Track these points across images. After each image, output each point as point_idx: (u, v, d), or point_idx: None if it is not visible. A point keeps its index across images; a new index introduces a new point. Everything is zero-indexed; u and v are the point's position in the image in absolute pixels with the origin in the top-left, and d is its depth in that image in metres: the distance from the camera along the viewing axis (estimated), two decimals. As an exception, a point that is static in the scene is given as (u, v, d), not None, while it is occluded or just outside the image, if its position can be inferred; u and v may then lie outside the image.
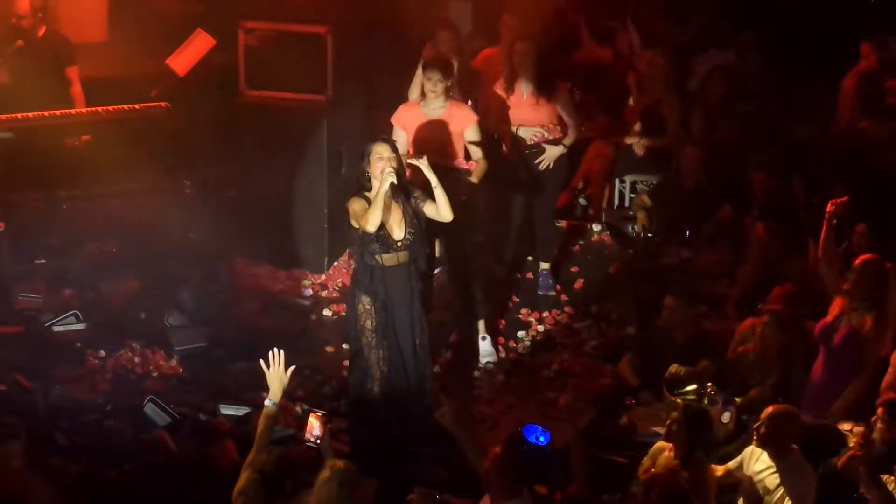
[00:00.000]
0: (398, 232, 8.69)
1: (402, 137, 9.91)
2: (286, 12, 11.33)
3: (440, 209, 8.82)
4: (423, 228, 8.83)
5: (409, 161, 8.93)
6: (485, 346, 10.25)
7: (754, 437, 7.87)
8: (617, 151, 12.69)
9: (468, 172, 10.00)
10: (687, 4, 13.82)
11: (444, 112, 10.00)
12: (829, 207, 9.10)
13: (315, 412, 7.53)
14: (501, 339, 10.57)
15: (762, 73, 12.88)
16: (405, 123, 10.04)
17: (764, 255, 10.55)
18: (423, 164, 8.76)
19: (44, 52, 11.63)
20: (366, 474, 7.38)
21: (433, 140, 9.91)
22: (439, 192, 8.79)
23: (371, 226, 8.52)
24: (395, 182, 8.53)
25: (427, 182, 8.77)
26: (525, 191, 11.05)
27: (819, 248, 9.19)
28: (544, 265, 11.27)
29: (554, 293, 11.23)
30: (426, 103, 10.01)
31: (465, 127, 10.02)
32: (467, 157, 10.13)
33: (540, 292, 11.23)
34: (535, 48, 10.67)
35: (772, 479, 7.78)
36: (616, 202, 12.63)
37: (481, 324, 10.29)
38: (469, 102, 10.91)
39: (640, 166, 12.66)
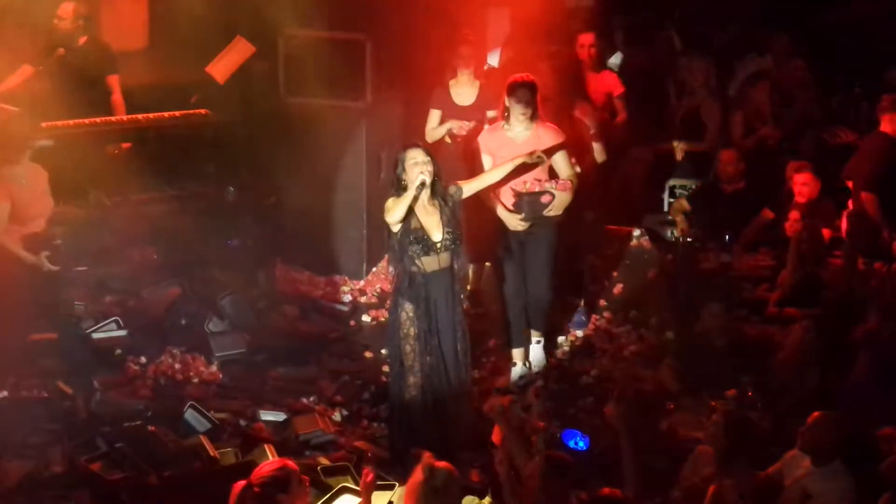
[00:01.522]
0: (437, 233, 8.69)
1: (488, 163, 9.72)
2: (325, 20, 11.35)
3: (489, 173, 9.15)
4: (461, 229, 8.83)
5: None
6: (537, 350, 10.14)
7: (798, 442, 7.83)
8: (656, 156, 12.67)
9: (550, 195, 9.60)
10: (727, 9, 13.76)
11: (531, 134, 9.66)
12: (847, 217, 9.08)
13: None
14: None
15: (802, 79, 12.82)
16: (490, 148, 9.73)
17: (803, 257, 10.50)
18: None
19: (85, 60, 11.70)
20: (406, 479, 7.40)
21: (521, 165, 9.54)
22: (477, 183, 9.06)
23: (393, 218, 8.53)
24: (427, 182, 8.55)
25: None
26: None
27: (845, 256, 9.16)
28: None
29: (585, 330, 10.94)
30: (511, 126, 9.68)
31: (557, 148, 9.65)
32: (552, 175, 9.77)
33: (572, 329, 10.96)
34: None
35: (812, 486, 7.74)
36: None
37: (536, 332, 10.17)
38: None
39: (680, 171, 12.66)
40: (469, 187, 8.92)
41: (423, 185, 8.52)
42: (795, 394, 9.13)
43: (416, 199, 8.52)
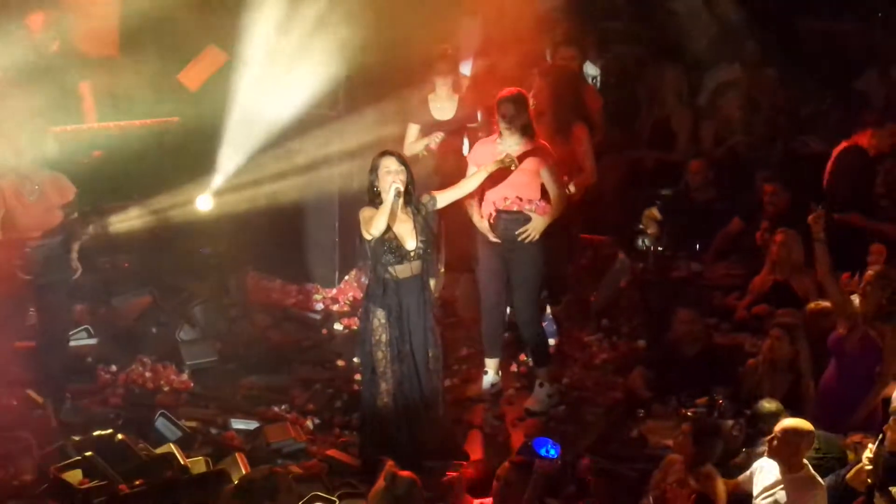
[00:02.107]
0: (410, 242, 8.72)
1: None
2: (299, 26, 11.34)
3: (462, 185, 9.10)
4: (434, 238, 8.87)
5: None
6: (540, 393, 9.98)
7: (766, 450, 7.86)
8: (627, 165, 12.70)
9: (527, 218, 9.62)
10: (697, 20, 13.81)
11: (521, 149, 9.57)
12: (811, 222, 9.10)
13: None
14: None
15: (772, 88, 12.88)
16: (477, 160, 9.66)
17: (778, 265, 10.53)
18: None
19: (56, 67, 11.65)
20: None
21: (510, 179, 9.58)
22: (451, 193, 9.05)
23: (376, 230, 8.55)
24: (402, 190, 8.58)
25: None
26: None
27: (817, 263, 9.19)
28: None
29: (554, 340, 10.77)
30: (503, 140, 9.62)
31: (541, 166, 9.61)
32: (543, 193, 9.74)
33: None
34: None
35: (781, 494, 7.76)
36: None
37: (541, 371, 10.04)
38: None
39: (651, 180, 12.69)
40: (443, 197, 8.93)
41: (398, 194, 8.55)
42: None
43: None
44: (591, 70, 13.66)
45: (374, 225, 8.57)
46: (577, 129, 10.31)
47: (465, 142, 10.86)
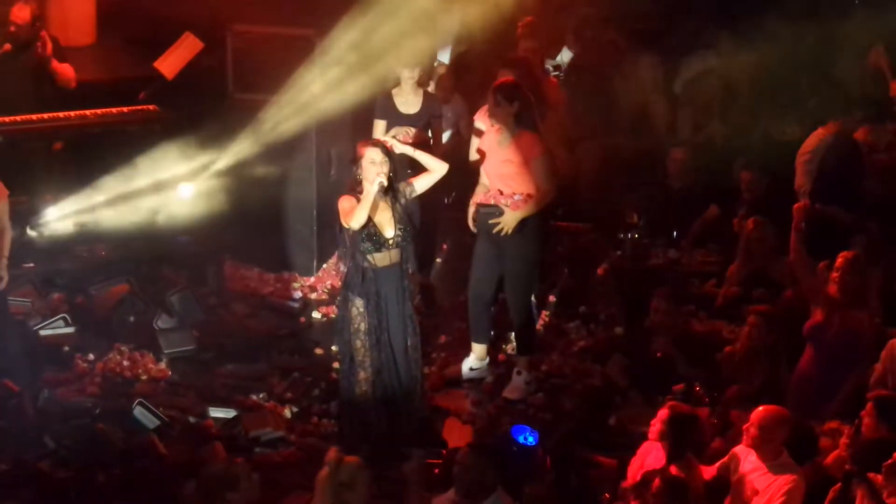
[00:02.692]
0: (389, 230, 8.73)
1: (473, 157, 9.81)
2: (274, 15, 11.32)
3: (433, 168, 8.95)
4: (413, 227, 8.86)
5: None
6: (518, 381, 9.98)
7: (744, 438, 7.88)
8: (605, 153, 12.72)
9: (500, 211, 9.61)
10: (674, 6, 13.83)
11: (511, 140, 9.61)
12: (794, 212, 9.17)
13: None
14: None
15: (749, 74, 12.90)
16: (477, 144, 9.85)
17: (752, 253, 10.56)
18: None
19: (34, 56, 11.60)
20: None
21: (499, 171, 9.64)
22: (422, 157, 9.01)
23: (356, 223, 8.55)
24: (384, 183, 8.59)
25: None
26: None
27: (792, 251, 9.24)
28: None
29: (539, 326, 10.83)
30: (501, 131, 9.65)
31: (530, 157, 9.60)
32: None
33: None
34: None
35: (760, 481, 7.78)
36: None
37: (522, 359, 10.05)
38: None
39: (628, 168, 12.71)
40: (419, 184, 8.93)
41: (381, 186, 8.55)
42: (743, 388, 9.18)
43: None
44: (565, 57, 13.70)
45: (354, 217, 8.56)
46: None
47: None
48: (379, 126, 10.41)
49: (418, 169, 9.10)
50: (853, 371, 8.78)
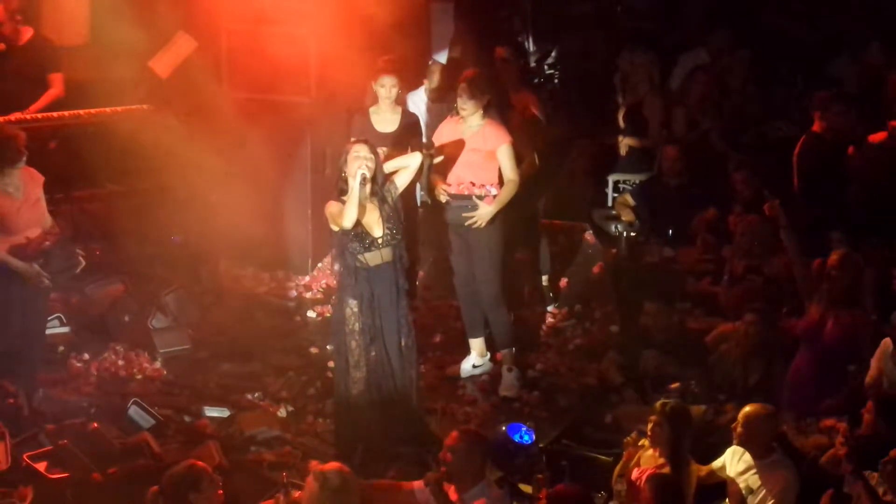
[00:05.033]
0: (377, 230, 8.72)
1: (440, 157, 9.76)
2: (269, 14, 11.31)
3: (409, 164, 8.95)
4: (402, 224, 8.85)
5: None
6: (509, 378, 9.99)
7: (734, 437, 7.89)
8: (600, 151, 12.73)
9: (473, 205, 9.61)
10: (671, 4, 13.86)
11: (479, 130, 9.66)
12: (767, 213, 9.19)
13: None
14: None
15: (744, 72, 12.91)
16: (440, 137, 9.82)
17: (746, 253, 10.56)
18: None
19: (26, 58, 11.59)
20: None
21: (464, 160, 9.66)
22: (398, 161, 9.01)
23: (348, 221, 8.55)
24: (367, 176, 8.57)
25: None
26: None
27: (784, 248, 9.25)
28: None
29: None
30: (464, 120, 9.70)
31: (496, 147, 9.63)
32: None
33: None
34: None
35: (754, 479, 7.79)
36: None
37: (505, 353, 10.06)
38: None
39: (623, 166, 12.73)
40: (399, 181, 8.90)
41: (364, 180, 8.54)
42: (739, 387, 9.19)
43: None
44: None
45: (344, 216, 8.56)
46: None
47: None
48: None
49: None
50: (848, 369, 8.78)
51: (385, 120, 10.19)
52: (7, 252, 8.98)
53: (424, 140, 10.21)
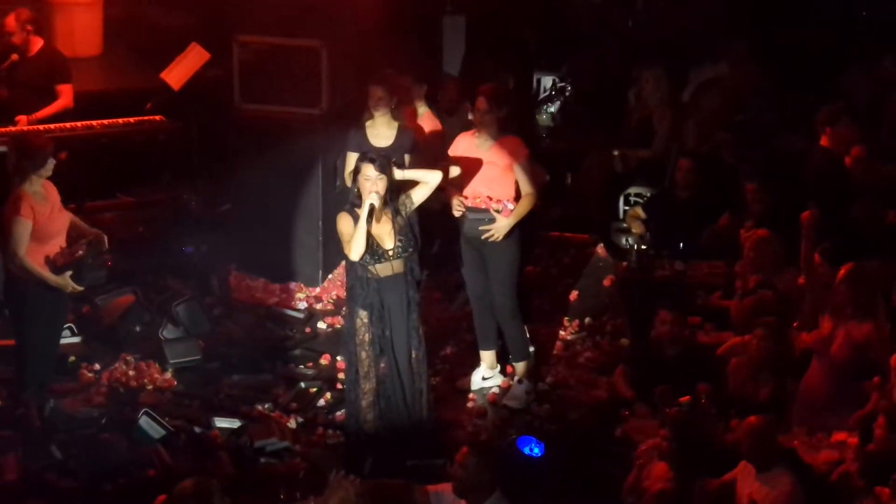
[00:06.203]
0: (388, 242, 8.75)
1: (457, 170, 9.72)
2: (280, 26, 11.33)
3: (427, 180, 8.92)
4: (415, 237, 8.86)
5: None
6: (518, 389, 9.99)
7: (740, 450, 7.88)
8: (613, 164, 12.74)
9: (490, 218, 9.62)
10: (682, 16, 13.86)
11: (493, 144, 9.64)
12: (804, 218, 9.18)
13: None
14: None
15: (756, 85, 12.91)
16: (455, 151, 9.81)
17: (756, 266, 10.54)
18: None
19: (36, 69, 11.63)
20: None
21: (481, 174, 9.65)
22: (417, 174, 9.00)
23: (355, 255, 8.61)
24: (376, 206, 8.60)
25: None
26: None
27: (802, 260, 9.23)
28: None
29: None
30: (479, 134, 9.70)
31: (513, 161, 9.61)
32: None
33: None
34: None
35: (758, 493, 7.78)
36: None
37: (520, 366, 10.07)
38: None
39: (635, 179, 12.73)
40: (416, 196, 8.90)
41: (372, 209, 8.57)
42: (750, 401, 9.17)
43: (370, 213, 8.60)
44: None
45: (352, 248, 8.63)
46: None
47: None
48: (351, 159, 9.83)
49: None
50: (860, 383, 8.75)
51: (380, 134, 10.14)
52: (42, 261, 8.99)
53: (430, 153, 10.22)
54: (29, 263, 8.89)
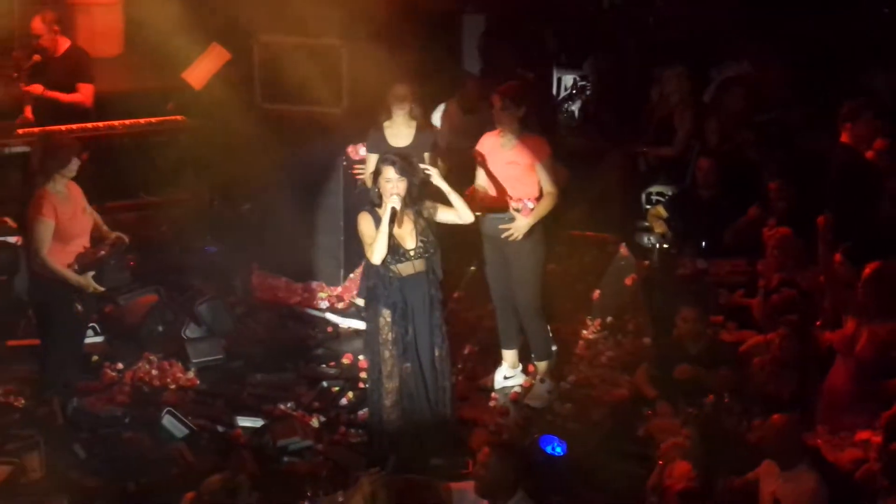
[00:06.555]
0: (409, 242, 8.76)
1: (481, 171, 9.77)
2: (301, 26, 11.35)
3: (459, 212, 8.90)
4: (436, 237, 8.86)
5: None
6: (540, 388, 10.02)
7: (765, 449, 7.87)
8: (634, 162, 12.73)
9: (510, 217, 9.61)
10: (703, 14, 13.82)
11: (517, 143, 9.64)
12: (820, 223, 9.16)
13: None
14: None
15: (778, 83, 12.88)
16: (485, 152, 9.80)
17: (780, 265, 10.53)
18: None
19: (63, 67, 11.67)
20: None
21: (503, 173, 9.66)
22: (454, 198, 8.91)
23: (376, 258, 8.62)
24: (398, 209, 8.61)
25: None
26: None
27: (821, 262, 9.22)
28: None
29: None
30: (503, 134, 9.69)
31: (535, 160, 9.61)
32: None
33: None
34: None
35: (780, 490, 7.76)
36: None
37: (542, 365, 10.09)
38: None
39: (656, 178, 12.71)
40: (441, 215, 8.90)
41: (394, 213, 8.59)
42: (773, 400, 9.15)
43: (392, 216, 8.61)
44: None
45: (374, 252, 8.66)
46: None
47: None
48: (371, 160, 10.03)
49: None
50: (884, 382, 8.73)
51: (399, 134, 10.16)
52: (65, 261, 9.02)
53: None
54: (51, 263, 8.93)
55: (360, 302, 10.68)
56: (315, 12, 11.28)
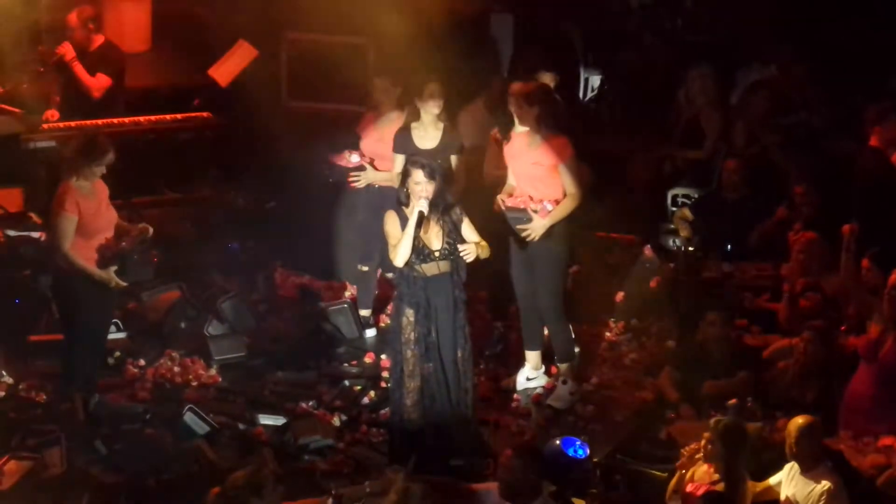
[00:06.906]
0: (436, 243, 8.72)
1: (513, 179, 9.77)
2: (327, 24, 11.35)
3: (482, 252, 8.82)
4: (462, 239, 8.83)
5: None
6: (562, 390, 9.96)
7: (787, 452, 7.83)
8: (660, 165, 12.69)
9: (528, 218, 9.59)
10: (731, 19, 13.78)
11: (542, 144, 9.64)
12: (845, 231, 9.11)
13: None
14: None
15: (805, 87, 12.82)
16: (508, 153, 9.84)
17: (805, 269, 10.48)
18: (470, 251, 8.73)
19: (96, 63, 11.70)
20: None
21: (527, 173, 9.67)
22: (473, 235, 8.84)
23: (400, 260, 8.60)
24: (425, 213, 8.59)
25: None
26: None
27: (843, 270, 9.17)
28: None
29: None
30: (531, 134, 9.69)
31: (558, 161, 9.60)
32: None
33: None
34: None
35: (800, 492, 7.73)
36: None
37: (564, 366, 10.04)
38: None
39: (682, 180, 12.67)
40: (466, 233, 8.83)
41: (421, 216, 8.57)
42: (796, 404, 9.11)
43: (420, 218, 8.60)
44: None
45: (398, 254, 8.62)
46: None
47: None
48: (398, 160, 9.99)
49: None
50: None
51: (426, 136, 10.14)
52: (87, 256, 9.03)
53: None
54: (73, 258, 8.95)
55: (366, 312, 10.73)
56: (342, 10, 11.29)
